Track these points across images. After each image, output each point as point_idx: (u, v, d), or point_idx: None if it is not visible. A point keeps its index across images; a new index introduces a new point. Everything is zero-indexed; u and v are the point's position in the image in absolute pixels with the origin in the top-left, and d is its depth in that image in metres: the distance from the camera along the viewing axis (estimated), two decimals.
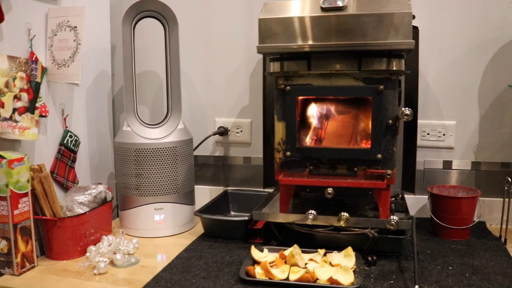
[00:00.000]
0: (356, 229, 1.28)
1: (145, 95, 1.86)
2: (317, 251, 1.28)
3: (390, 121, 1.27)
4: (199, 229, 1.56)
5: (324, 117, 1.38)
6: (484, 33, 1.56)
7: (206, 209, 1.55)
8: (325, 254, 1.27)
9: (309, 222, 1.28)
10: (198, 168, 1.82)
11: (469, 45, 1.57)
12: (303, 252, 1.25)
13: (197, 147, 1.74)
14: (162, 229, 1.53)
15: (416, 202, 1.65)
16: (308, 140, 1.39)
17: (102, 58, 1.76)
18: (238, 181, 1.82)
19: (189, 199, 1.59)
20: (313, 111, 1.38)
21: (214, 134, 1.77)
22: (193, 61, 1.80)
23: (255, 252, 1.27)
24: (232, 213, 1.72)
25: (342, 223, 1.26)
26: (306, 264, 1.22)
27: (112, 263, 1.30)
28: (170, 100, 1.58)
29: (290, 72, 1.32)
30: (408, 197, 1.56)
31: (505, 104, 1.56)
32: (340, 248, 1.27)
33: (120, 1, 1.83)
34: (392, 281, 1.16)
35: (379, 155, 1.28)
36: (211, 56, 1.78)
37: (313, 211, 1.29)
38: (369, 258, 1.26)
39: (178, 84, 1.57)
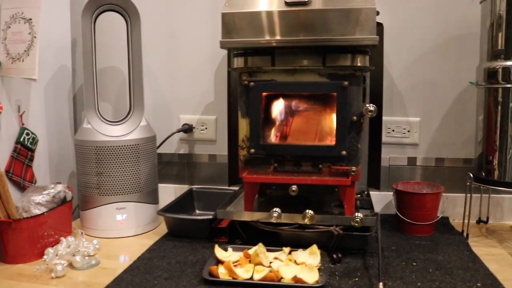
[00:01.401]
0: (321, 227, 1.27)
1: (107, 91, 1.80)
2: (282, 250, 1.26)
3: (355, 118, 1.26)
4: (163, 229, 1.52)
5: (289, 114, 1.37)
6: (447, 31, 1.57)
7: (170, 208, 1.51)
8: (290, 253, 1.25)
9: (273, 220, 1.26)
10: (162, 166, 1.78)
11: (432, 42, 1.59)
12: (268, 250, 1.24)
13: (160, 144, 1.70)
14: (124, 229, 1.48)
15: (382, 199, 1.65)
16: (273, 137, 1.37)
17: (62, 53, 1.70)
18: (204, 179, 1.79)
19: (152, 198, 1.55)
20: (278, 107, 1.37)
21: (179, 131, 1.73)
22: (156, 57, 1.75)
23: (218, 252, 1.25)
24: (197, 211, 1.69)
25: (306, 221, 1.25)
26: (271, 263, 1.20)
27: (71, 265, 1.25)
28: (133, 96, 1.53)
29: (254, 67, 1.30)
30: (374, 194, 1.56)
31: (467, 101, 1.59)
32: (305, 246, 1.26)
33: None
34: (357, 279, 1.16)
35: (344, 152, 1.27)
36: (175, 52, 1.74)
37: (277, 209, 1.28)
38: (334, 256, 1.25)
39: (141, 80, 1.53)
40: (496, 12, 1.35)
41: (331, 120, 1.31)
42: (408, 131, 1.63)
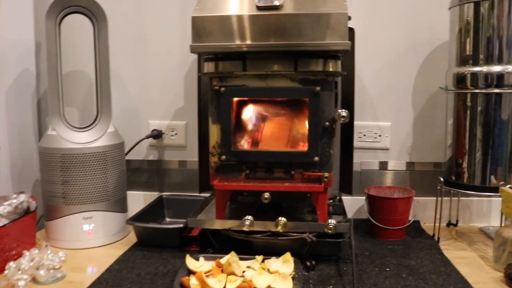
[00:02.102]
0: (294, 234, 1.26)
1: (73, 96, 1.74)
2: (255, 258, 1.24)
3: (327, 123, 1.25)
4: (132, 238, 1.48)
5: (260, 119, 1.35)
6: (417, 36, 1.59)
7: (139, 217, 1.47)
8: (263, 261, 1.23)
9: (245, 228, 1.24)
10: (131, 173, 1.73)
11: (403, 47, 1.60)
12: (240, 259, 1.21)
13: (129, 151, 1.65)
14: (91, 240, 1.43)
15: (354, 204, 1.65)
16: (244, 143, 1.35)
17: (25, 56, 1.63)
18: (174, 186, 1.75)
19: (121, 206, 1.50)
20: (249, 113, 1.35)
21: (148, 137, 1.69)
22: (124, 61, 1.70)
23: (190, 262, 1.21)
24: (168, 219, 1.65)
25: (279, 228, 1.23)
26: (243, 272, 1.17)
27: (34, 280, 1.19)
28: (100, 101, 1.48)
29: (225, 72, 1.28)
30: (346, 199, 1.56)
31: (437, 106, 1.61)
32: (278, 253, 1.24)
33: None
34: (331, 286, 1.15)
35: (316, 158, 1.26)
36: (144, 56, 1.70)
37: (249, 217, 1.25)
38: (308, 263, 1.24)
39: (108, 85, 1.48)
40: (464, 18, 1.37)
41: (303, 125, 1.30)
42: (379, 136, 1.64)
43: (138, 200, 1.73)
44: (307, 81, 1.26)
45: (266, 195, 1.23)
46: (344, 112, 1.20)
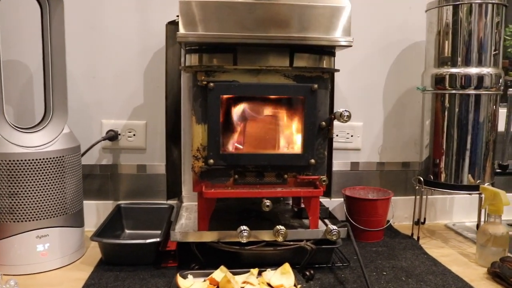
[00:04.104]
0: (292, 243, 1.17)
1: (8, 91, 1.46)
2: (249, 271, 1.12)
3: (323, 123, 1.18)
4: (94, 256, 1.28)
5: (251, 119, 1.23)
6: (388, 36, 1.58)
7: (102, 231, 1.27)
8: (259, 274, 1.12)
9: (243, 240, 1.12)
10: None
11: (375, 46, 1.58)
12: (232, 274, 1.09)
13: (83, 154, 1.43)
14: (47, 262, 1.20)
15: (327, 204, 1.60)
16: (233, 146, 1.22)
17: None
18: (131, 194, 1.55)
19: (78, 220, 1.29)
20: (239, 112, 1.22)
21: (104, 139, 1.48)
22: (73, 51, 1.47)
23: (181, 282, 1.06)
24: (127, 231, 1.46)
25: (280, 238, 1.13)
26: None
27: None
28: (52, 98, 1.26)
29: (213, 66, 1.14)
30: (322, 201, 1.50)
31: (406, 105, 1.62)
32: (269, 264, 1.15)
33: None
34: None
35: (312, 160, 1.18)
36: (97, 45, 1.48)
37: (245, 228, 1.13)
38: (307, 273, 1.16)
39: (64, 78, 1.26)
40: (443, 21, 1.38)
41: (297, 125, 1.21)
42: (352, 136, 1.61)
43: (90, 210, 1.52)
44: (302, 78, 1.17)
45: (268, 202, 1.12)
46: (346, 112, 1.14)
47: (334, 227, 1.15)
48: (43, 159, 1.17)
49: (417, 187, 1.46)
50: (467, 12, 1.34)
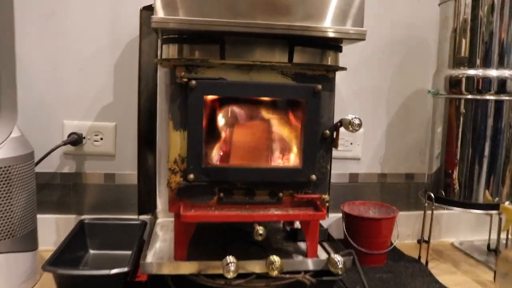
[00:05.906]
0: (287, 276, 0.97)
1: None
2: None
3: (327, 132, 0.99)
4: (47, 286, 1.06)
5: (241, 126, 1.03)
6: (393, 32, 1.41)
7: (59, 256, 1.05)
8: None
9: (230, 275, 0.91)
10: (38, 191, 1.27)
11: (377, 43, 1.40)
12: None
13: (38, 162, 1.21)
14: None
15: (322, 222, 1.42)
16: (219, 158, 1.02)
17: None
18: (97, 207, 1.33)
19: (30, 242, 1.07)
20: (225, 116, 1.02)
21: (66, 143, 1.26)
22: (29, 40, 1.25)
23: None
24: (92, 252, 1.24)
25: (275, 273, 0.93)
26: None
27: None
28: None
29: (196, 60, 0.94)
30: None
31: (411, 110, 1.44)
32: None
33: None
34: None
35: (314, 176, 0.99)
36: (58, 34, 1.26)
37: (232, 259, 0.93)
38: None
39: (13, 73, 1.03)
40: (460, 16, 1.21)
41: (296, 134, 1.01)
42: (351, 144, 1.42)
43: (48, 226, 1.30)
44: (303, 77, 0.98)
45: (261, 230, 0.92)
46: (356, 119, 0.95)
47: (339, 258, 0.96)
48: None
49: (426, 204, 1.28)
50: (488, 6, 1.17)
